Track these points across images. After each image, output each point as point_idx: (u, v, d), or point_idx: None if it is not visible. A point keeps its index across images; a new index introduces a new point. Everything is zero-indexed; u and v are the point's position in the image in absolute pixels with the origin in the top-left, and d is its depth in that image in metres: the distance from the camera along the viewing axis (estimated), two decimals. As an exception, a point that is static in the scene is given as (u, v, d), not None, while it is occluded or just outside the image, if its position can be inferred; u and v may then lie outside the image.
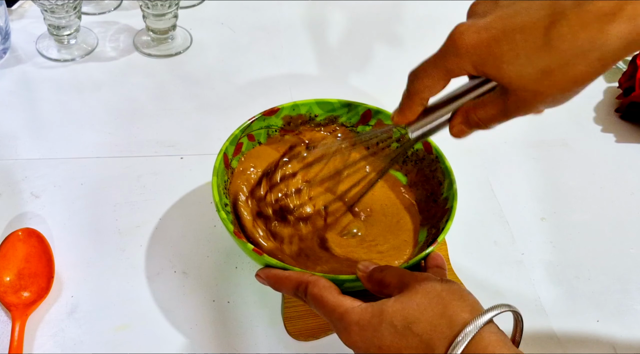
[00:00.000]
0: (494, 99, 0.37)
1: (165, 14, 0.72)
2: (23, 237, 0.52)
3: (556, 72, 0.33)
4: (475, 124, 0.39)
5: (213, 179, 0.48)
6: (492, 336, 0.35)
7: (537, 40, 0.33)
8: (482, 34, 0.34)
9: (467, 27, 0.35)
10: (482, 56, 0.35)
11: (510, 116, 0.37)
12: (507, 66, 0.34)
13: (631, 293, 0.57)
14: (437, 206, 0.52)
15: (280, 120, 0.56)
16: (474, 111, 0.39)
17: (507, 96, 0.36)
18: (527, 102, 0.35)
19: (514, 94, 0.35)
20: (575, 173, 0.68)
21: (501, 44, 0.34)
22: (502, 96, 0.36)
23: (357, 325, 0.38)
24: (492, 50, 0.34)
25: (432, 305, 0.37)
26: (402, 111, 0.41)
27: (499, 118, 0.38)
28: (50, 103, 0.68)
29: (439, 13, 0.86)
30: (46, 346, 0.48)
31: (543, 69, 0.33)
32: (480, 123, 0.39)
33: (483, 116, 0.38)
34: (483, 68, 0.35)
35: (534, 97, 0.35)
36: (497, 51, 0.34)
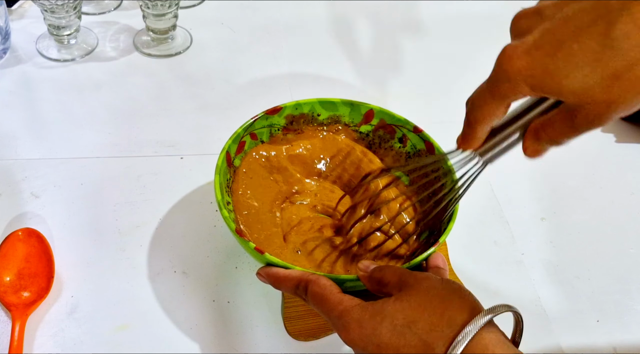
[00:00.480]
0: (562, 115, 0.35)
1: (165, 14, 0.72)
2: (23, 237, 0.52)
3: (625, 75, 0.30)
4: (547, 142, 0.37)
5: (215, 177, 0.48)
6: (492, 337, 0.35)
7: (597, 45, 0.30)
8: (532, 54, 0.32)
9: (515, 49, 0.33)
10: (538, 77, 0.32)
11: (584, 130, 0.35)
12: (568, 81, 0.31)
13: (631, 293, 0.57)
14: (439, 206, 0.52)
15: (282, 119, 0.56)
16: (544, 131, 0.36)
17: (574, 112, 0.33)
18: (599, 115, 0.33)
19: (582, 108, 0.33)
20: (575, 173, 0.68)
21: (556, 58, 0.31)
22: (567, 113, 0.34)
23: (356, 323, 0.38)
24: (548, 68, 0.32)
25: (431, 305, 0.37)
26: (466, 139, 0.40)
27: (571, 134, 0.35)
28: (50, 103, 0.68)
29: (440, 12, 0.86)
30: (46, 346, 0.48)
31: (610, 75, 0.30)
32: (553, 141, 0.36)
33: (554, 134, 0.36)
34: (542, 89, 0.33)
35: (606, 108, 0.32)
36: (553, 68, 0.31)
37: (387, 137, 0.57)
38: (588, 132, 0.35)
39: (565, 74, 0.31)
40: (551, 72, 0.32)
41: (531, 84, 0.33)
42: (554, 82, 0.32)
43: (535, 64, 0.32)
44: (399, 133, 0.56)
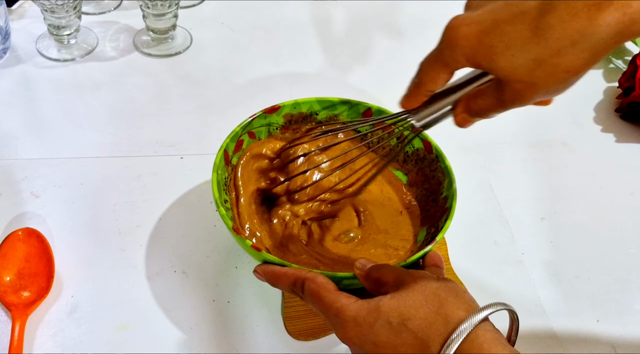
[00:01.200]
0: (491, 89, 0.38)
1: (165, 13, 0.72)
2: (23, 237, 0.52)
3: (547, 63, 0.33)
4: (475, 113, 0.39)
5: (213, 176, 0.48)
6: (488, 334, 0.35)
7: (527, 31, 0.33)
8: (472, 27, 0.35)
9: (460, 21, 0.36)
10: (474, 49, 0.35)
11: (508, 106, 0.37)
12: (498, 58, 0.34)
13: (631, 293, 0.57)
14: (437, 205, 0.52)
15: (281, 118, 0.56)
16: (474, 101, 0.39)
17: (502, 87, 0.36)
18: (522, 94, 0.35)
19: (509, 85, 0.36)
20: (575, 173, 0.68)
21: (492, 36, 0.34)
22: (496, 87, 0.37)
23: (353, 321, 0.38)
24: (483, 42, 0.34)
25: (427, 302, 0.37)
26: (408, 97, 0.42)
27: (496, 108, 0.38)
28: (50, 103, 0.68)
29: (440, 11, 0.85)
30: (46, 346, 0.48)
31: (534, 60, 0.33)
32: (480, 112, 0.39)
33: (482, 105, 0.39)
34: (476, 60, 0.35)
35: (528, 88, 0.35)
36: (488, 43, 0.34)
37: (385, 136, 0.57)
38: (513, 108, 0.37)
39: (497, 51, 0.34)
40: (485, 47, 0.34)
41: (468, 55, 0.35)
42: (487, 57, 0.35)
43: (473, 37, 0.35)
44: (396, 132, 0.56)
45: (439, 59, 0.38)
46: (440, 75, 0.38)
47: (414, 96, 0.41)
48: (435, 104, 0.42)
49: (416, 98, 0.41)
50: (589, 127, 0.73)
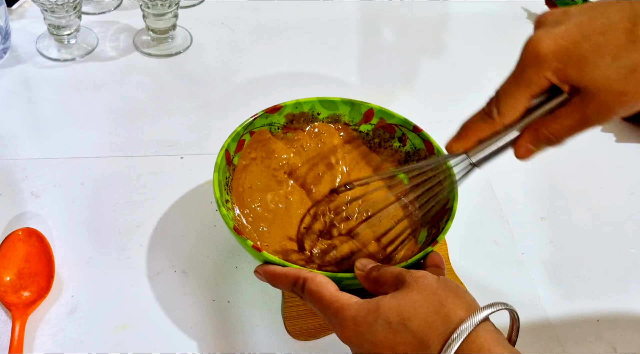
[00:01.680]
0: (569, 109, 0.36)
1: (165, 13, 0.72)
2: (23, 237, 0.52)
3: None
4: (546, 140, 0.38)
5: (214, 175, 0.48)
6: (488, 335, 0.35)
7: (621, 40, 0.33)
8: (560, 40, 0.34)
9: (543, 36, 0.35)
10: (564, 61, 0.34)
11: (589, 124, 0.36)
12: (591, 68, 0.34)
13: (631, 293, 0.57)
14: (438, 205, 0.52)
15: (282, 118, 0.56)
16: (546, 126, 0.37)
17: (587, 102, 0.35)
18: (609, 107, 0.35)
19: (597, 97, 0.35)
20: (575, 173, 0.68)
21: (582, 47, 0.34)
22: (580, 103, 0.36)
23: (352, 321, 0.38)
24: (574, 54, 0.34)
25: (427, 302, 0.37)
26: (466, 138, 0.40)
27: (575, 129, 0.37)
28: (50, 103, 0.68)
29: (441, 12, 0.86)
30: (46, 346, 0.48)
31: (629, 67, 0.33)
32: (553, 138, 0.38)
33: (557, 129, 0.37)
34: (565, 74, 0.35)
35: (618, 99, 0.34)
36: (578, 54, 0.34)
37: (386, 137, 0.57)
38: (593, 126, 0.36)
39: (588, 62, 0.34)
40: (576, 58, 0.34)
41: (555, 68, 0.35)
42: (577, 69, 0.34)
43: (561, 49, 0.34)
44: (398, 132, 0.56)
45: (521, 80, 0.36)
46: (521, 101, 0.37)
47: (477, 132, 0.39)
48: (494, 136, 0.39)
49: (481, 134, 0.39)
50: (589, 127, 0.73)
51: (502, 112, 0.38)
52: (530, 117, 0.38)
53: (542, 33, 0.35)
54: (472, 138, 0.40)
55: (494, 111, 0.38)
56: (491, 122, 0.39)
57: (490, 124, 0.39)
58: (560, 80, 0.35)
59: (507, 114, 0.38)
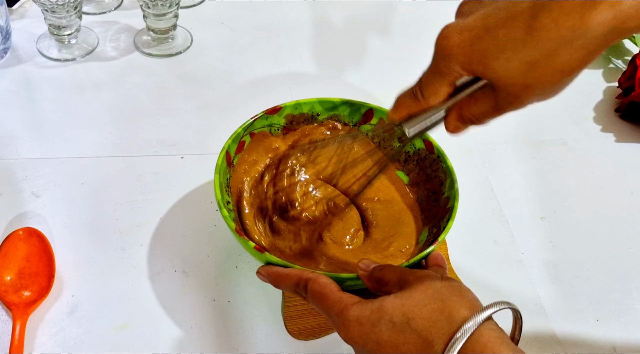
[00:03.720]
0: (485, 94, 0.37)
1: (165, 13, 0.72)
2: (24, 236, 0.52)
3: (542, 63, 0.33)
4: (468, 120, 0.39)
5: (215, 177, 0.49)
6: (491, 333, 0.35)
7: (520, 33, 0.33)
8: (464, 34, 0.35)
9: (451, 30, 0.36)
10: (468, 55, 0.35)
11: (503, 111, 0.37)
12: (492, 62, 0.34)
13: (631, 293, 0.57)
14: (439, 205, 0.52)
15: (282, 118, 0.56)
16: (467, 107, 0.39)
17: (497, 91, 0.36)
18: (517, 97, 0.35)
19: (504, 89, 0.35)
20: (575, 173, 0.68)
21: (485, 40, 0.34)
22: (492, 91, 0.37)
23: (355, 321, 0.38)
24: (476, 48, 0.34)
25: (431, 302, 0.37)
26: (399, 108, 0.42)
27: (491, 114, 0.38)
28: (51, 103, 0.68)
29: (441, 12, 0.86)
30: (47, 346, 0.48)
31: (528, 61, 0.33)
32: (474, 119, 0.39)
33: (475, 112, 0.38)
34: (470, 67, 0.35)
35: (523, 91, 0.35)
36: (481, 48, 0.34)
37: (386, 137, 0.57)
38: (507, 112, 0.37)
39: (490, 56, 0.34)
40: (479, 53, 0.34)
41: (462, 63, 0.35)
42: (480, 62, 0.35)
43: (466, 43, 0.35)
44: (398, 132, 0.56)
45: (436, 71, 0.37)
46: (441, 88, 0.38)
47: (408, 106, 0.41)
48: (427, 112, 0.41)
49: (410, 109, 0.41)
50: (589, 127, 0.73)
51: (425, 96, 0.39)
52: (455, 98, 0.39)
53: (452, 25, 0.36)
54: (403, 112, 0.42)
55: (418, 93, 0.40)
56: (418, 102, 0.40)
57: (417, 103, 0.40)
58: (468, 73, 0.36)
59: (430, 98, 0.39)
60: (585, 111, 0.75)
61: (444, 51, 0.36)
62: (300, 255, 0.51)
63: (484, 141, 0.69)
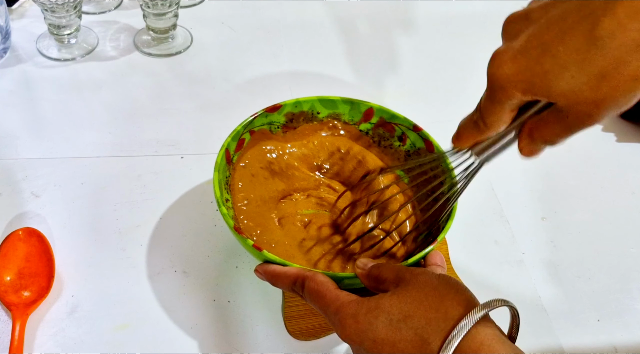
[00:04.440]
0: (555, 116, 0.35)
1: (165, 13, 0.72)
2: (23, 236, 0.52)
3: (612, 74, 0.31)
4: (541, 142, 0.37)
5: (214, 175, 0.48)
6: (488, 331, 0.35)
7: (583, 46, 0.30)
8: (520, 59, 0.33)
9: (504, 55, 0.34)
10: (528, 81, 0.33)
11: (576, 130, 0.35)
12: (556, 83, 0.32)
13: (632, 293, 0.57)
14: (438, 204, 0.52)
15: (282, 117, 0.56)
16: (537, 131, 0.37)
17: (566, 112, 0.34)
18: (589, 115, 0.33)
19: (573, 108, 0.33)
20: (575, 172, 0.68)
21: (544, 62, 0.32)
22: (560, 113, 0.34)
23: (352, 319, 0.38)
24: (536, 71, 0.32)
25: (427, 299, 0.36)
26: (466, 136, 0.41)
27: (564, 135, 0.36)
28: (51, 102, 0.68)
29: (440, 12, 0.86)
30: (46, 346, 0.48)
31: (597, 75, 0.31)
32: (547, 141, 0.37)
33: (547, 135, 0.36)
34: (533, 93, 0.33)
35: (595, 108, 0.32)
36: (541, 71, 0.32)
37: (386, 136, 0.57)
38: (581, 131, 0.35)
39: (553, 76, 0.32)
40: (539, 76, 0.32)
41: (522, 89, 0.33)
42: (542, 85, 0.32)
43: (523, 69, 0.33)
44: (398, 131, 0.56)
45: (495, 100, 0.35)
46: (504, 116, 0.36)
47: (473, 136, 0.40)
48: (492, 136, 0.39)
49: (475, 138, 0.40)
50: (590, 126, 0.73)
51: (488, 125, 0.38)
52: (522, 118, 0.38)
53: (502, 51, 0.34)
54: (468, 141, 0.41)
55: (480, 123, 0.38)
56: (481, 131, 0.39)
57: (480, 132, 0.39)
58: (531, 97, 0.34)
59: (493, 126, 0.38)
60: (586, 110, 0.75)
61: (500, 81, 0.34)
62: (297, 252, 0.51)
63: (484, 141, 0.69)
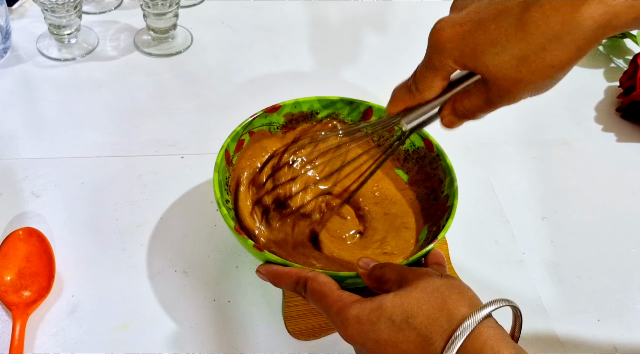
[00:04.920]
0: (478, 89, 0.38)
1: (165, 13, 0.72)
2: (24, 236, 0.52)
3: (533, 58, 0.33)
4: (462, 114, 0.39)
5: (214, 175, 0.48)
6: (491, 331, 0.35)
7: (511, 28, 0.33)
8: (457, 28, 0.35)
9: (445, 23, 0.36)
10: (460, 49, 0.35)
11: (495, 105, 0.37)
12: (484, 56, 0.34)
13: (632, 293, 0.57)
14: (438, 203, 0.52)
15: (281, 117, 0.56)
16: (460, 102, 0.39)
17: (489, 86, 0.36)
18: (509, 91, 0.35)
19: (495, 84, 0.35)
20: (576, 172, 0.68)
21: (476, 34, 0.34)
22: (485, 86, 0.37)
23: (355, 320, 0.38)
24: (468, 42, 0.35)
25: (430, 299, 0.37)
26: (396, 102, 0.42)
27: (484, 108, 0.38)
28: (51, 102, 0.68)
29: (440, 12, 0.86)
30: (47, 346, 0.48)
31: (519, 56, 0.33)
32: (467, 113, 0.39)
33: (468, 106, 0.39)
34: (462, 61, 0.36)
35: (514, 86, 0.35)
36: (472, 42, 0.34)
37: (385, 135, 0.57)
38: (499, 107, 0.37)
39: (481, 50, 0.34)
40: (470, 47, 0.35)
41: (455, 57, 0.36)
42: (472, 56, 0.35)
43: (458, 38, 0.35)
44: (397, 131, 0.56)
45: (430, 65, 0.38)
46: (435, 82, 0.39)
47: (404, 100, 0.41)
48: (423, 107, 0.41)
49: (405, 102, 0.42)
50: (590, 126, 0.73)
51: (420, 90, 0.40)
52: (450, 92, 0.40)
53: (445, 19, 0.36)
54: (400, 105, 0.42)
55: (413, 87, 0.40)
56: (413, 96, 0.40)
57: (413, 97, 0.41)
58: (461, 67, 0.36)
59: (424, 92, 0.39)
60: (587, 110, 0.75)
61: (437, 45, 0.36)
62: (295, 250, 0.51)
63: (485, 141, 0.69)
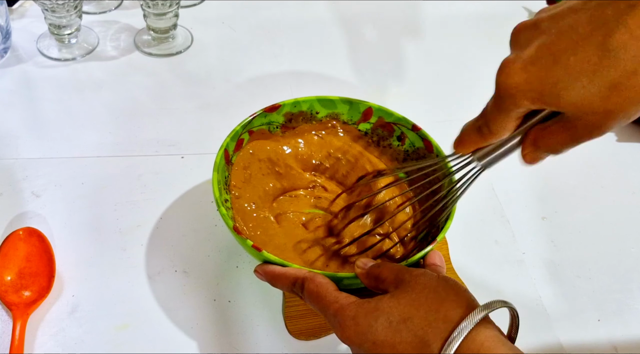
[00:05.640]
0: (561, 124, 0.35)
1: (166, 13, 0.72)
2: (24, 236, 0.52)
3: (624, 85, 0.31)
4: (545, 150, 0.37)
5: (214, 175, 0.48)
6: (488, 332, 0.35)
7: (594, 57, 0.31)
8: (530, 69, 0.33)
9: (512, 64, 0.34)
10: (538, 91, 0.33)
11: (582, 140, 0.35)
12: (567, 93, 0.32)
13: (632, 292, 0.57)
14: (437, 204, 0.52)
15: (281, 117, 0.56)
16: (542, 139, 0.36)
17: (574, 122, 0.34)
18: (599, 124, 0.33)
19: (582, 119, 0.33)
20: (576, 172, 0.67)
21: (554, 71, 0.32)
22: (569, 123, 0.34)
23: (352, 320, 0.38)
24: (546, 81, 0.32)
25: (427, 301, 0.36)
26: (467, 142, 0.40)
27: (570, 144, 0.36)
28: (51, 102, 0.68)
29: (440, 12, 0.86)
30: (47, 346, 0.48)
31: (609, 86, 0.31)
32: (551, 150, 0.37)
33: (552, 143, 0.36)
34: (542, 101, 0.33)
35: (605, 118, 0.32)
36: (552, 80, 0.32)
37: (385, 135, 0.57)
38: (587, 141, 0.35)
39: (564, 86, 0.32)
40: (549, 85, 0.32)
41: (531, 98, 0.33)
42: (552, 95, 0.32)
43: (533, 78, 0.33)
44: (397, 131, 0.56)
45: (502, 108, 0.35)
46: (509, 123, 0.36)
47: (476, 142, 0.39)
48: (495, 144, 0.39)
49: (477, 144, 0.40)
50: (590, 126, 0.73)
51: (492, 132, 0.38)
52: (526, 125, 0.37)
53: (512, 60, 0.34)
54: (471, 147, 0.40)
55: (484, 129, 0.38)
56: (484, 137, 0.39)
57: (484, 138, 0.39)
58: (540, 107, 0.34)
59: (497, 133, 0.37)
60: (587, 110, 0.75)
61: (509, 90, 0.34)
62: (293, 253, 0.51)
63: (484, 141, 0.69)
